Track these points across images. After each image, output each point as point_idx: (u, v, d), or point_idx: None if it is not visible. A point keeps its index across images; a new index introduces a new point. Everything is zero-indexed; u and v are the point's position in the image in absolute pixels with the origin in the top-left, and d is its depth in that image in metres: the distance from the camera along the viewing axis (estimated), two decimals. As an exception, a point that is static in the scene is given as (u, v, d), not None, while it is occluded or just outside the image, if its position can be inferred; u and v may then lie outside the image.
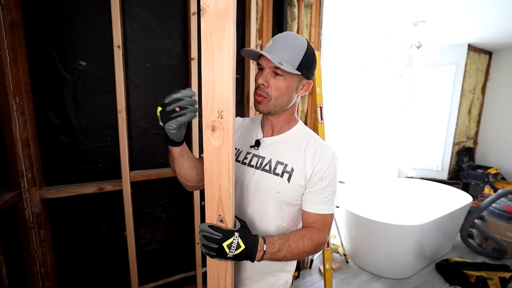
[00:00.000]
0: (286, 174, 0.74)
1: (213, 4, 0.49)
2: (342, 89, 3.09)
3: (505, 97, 3.77)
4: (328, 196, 0.75)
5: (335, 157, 0.77)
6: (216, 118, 0.55)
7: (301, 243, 0.70)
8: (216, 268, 0.65)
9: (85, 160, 1.29)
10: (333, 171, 0.75)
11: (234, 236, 0.61)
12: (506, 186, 3.48)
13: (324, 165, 0.73)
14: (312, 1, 1.79)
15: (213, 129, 0.56)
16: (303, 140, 0.78)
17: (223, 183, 0.59)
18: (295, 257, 0.71)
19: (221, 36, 0.50)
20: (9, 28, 0.99)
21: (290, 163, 0.75)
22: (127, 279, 1.43)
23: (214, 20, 0.50)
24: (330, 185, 0.74)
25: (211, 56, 0.52)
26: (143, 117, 1.39)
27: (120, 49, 1.19)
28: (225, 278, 0.66)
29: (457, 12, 2.36)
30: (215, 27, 0.50)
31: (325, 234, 0.75)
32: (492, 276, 2.03)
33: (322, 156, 0.74)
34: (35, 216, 1.14)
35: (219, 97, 0.54)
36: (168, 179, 1.51)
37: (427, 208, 2.86)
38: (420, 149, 3.84)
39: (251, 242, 0.63)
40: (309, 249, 0.71)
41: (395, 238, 2.09)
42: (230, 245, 0.60)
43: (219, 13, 0.49)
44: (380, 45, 3.22)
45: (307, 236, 0.72)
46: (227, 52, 0.51)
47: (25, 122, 1.07)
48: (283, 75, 0.71)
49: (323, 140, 0.79)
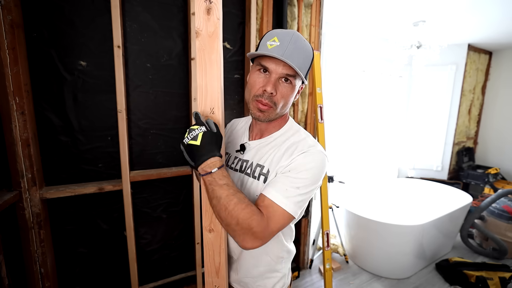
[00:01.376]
0: (263, 177, 0.70)
1: (205, 29, 0.65)
2: (342, 89, 3.09)
3: (505, 97, 3.77)
4: (288, 187, 0.63)
5: (319, 156, 0.67)
6: (209, 114, 0.68)
7: (242, 206, 0.58)
8: (211, 244, 0.73)
9: (85, 160, 1.29)
10: (307, 166, 0.64)
11: (199, 127, 0.61)
12: (506, 186, 3.48)
13: (298, 159, 0.65)
14: (312, 1, 1.79)
15: None
16: (288, 140, 0.72)
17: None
18: (224, 209, 0.59)
19: (211, 51, 0.66)
20: (9, 28, 0.99)
21: (267, 165, 0.70)
22: (127, 279, 1.43)
23: (206, 40, 0.65)
24: (296, 177, 0.63)
25: (204, 67, 0.66)
26: (143, 117, 1.39)
27: (120, 49, 1.19)
28: (220, 254, 0.73)
29: (457, 12, 2.36)
30: (207, 45, 0.65)
31: (268, 226, 0.60)
32: (492, 276, 2.03)
33: (302, 151, 0.67)
34: (35, 216, 1.14)
35: (211, 97, 0.67)
36: (168, 179, 1.51)
37: (427, 208, 2.86)
38: (420, 149, 3.84)
39: (208, 148, 0.60)
40: (241, 218, 0.58)
41: (395, 238, 2.09)
42: (191, 131, 0.61)
43: (209, 35, 0.65)
44: (380, 45, 3.22)
45: (253, 209, 0.59)
46: (216, 63, 0.66)
47: (25, 122, 1.07)
48: (292, 82, 0.66)
49: (311, 140, 0.71)
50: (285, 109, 0.70)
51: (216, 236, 0.73)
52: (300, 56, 0.64)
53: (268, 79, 0.65)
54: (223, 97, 0.68)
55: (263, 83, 0.66)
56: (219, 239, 0.73)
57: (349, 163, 3.36)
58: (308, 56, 0.67)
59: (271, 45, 0.63)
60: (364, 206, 2.73)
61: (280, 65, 0.63)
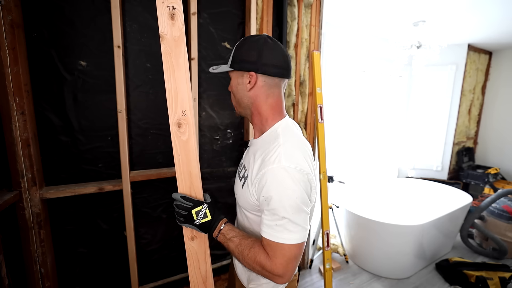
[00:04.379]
0: (243, 179, 0.74)
1: (170, 33, 0.66)
2: (342, 89, 3.09)
3: (505, 97, 3.77)
4: (276, 220, 0.63)
5: (281, 174, 0.63)
6: (181, 116, 0.69)
7: (247, 251, 0.66)
8: (195, 253, 0.72)
9: (85, 160, 1.29)
10: (277, 191, 0.62)
11: (202, 206, 0.68)
12: (506, 186, 3.48)
13: (263, 181, 0.65)
14: (312, 1, 1.79)
15: (179, 125, 0.68)
16: (265, 143, 0.72)
17: (192, 169, 0.71)
18: (240, 259, 0.68)
19: (178, 55, 0.67)
20: (9, 28, 0.99)
21: (248, 168, 0.73)
22: (127, 279, 1.43)
23: (172, 44, 0.67)
24: (275, 207, 0.62)
25: (171, 71, 0.68)
26: (143, 117, 1.39)
27: (120, 49, 1.19)
28: (205, 260, 0.73)
29: (457, 12, 2.36)
30: (173, 49, 0.67)
31: (276, 266, 0.62)
32: (492, 276, 2.03)
33: (264, 169, 0.65)
34: (35, 216, 1.14)
35: (181, 100, 0.68)
36: (168, 179, 1.51)
37: (427, 208, 2.87)
38: (420, 149, 3.84)
39: (217, 216, 0.70)
40: (254, 262, 0.65)
41: (395, 238, 2.09)
42: (198, 212, 0.67)
43: (175, 40, 0.67)
44: (380, 45, 3.22)
45: (256, 250, 0.65)
46: (184, 66, 0.68)
47: (25, 122, 1.07)
48: (231, 77, 0.77)
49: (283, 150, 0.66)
50: (238, 100, 0.77)
51: (200, 243, 0.72)
52: (237, 54, 0.73)
53: None
54: (192, 99, 0.70)
55: None
56: (203, 244, 0.72)
57: (349, 163, 3.36)
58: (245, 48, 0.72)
59: None
60: (364, 206, 2.73)
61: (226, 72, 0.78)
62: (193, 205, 0.68)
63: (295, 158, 0.65)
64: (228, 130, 1.66)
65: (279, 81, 0.74)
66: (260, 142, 0.75)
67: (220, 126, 1.62)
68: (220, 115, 1.61)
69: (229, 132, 1.66)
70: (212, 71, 0.78)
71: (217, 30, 1.51)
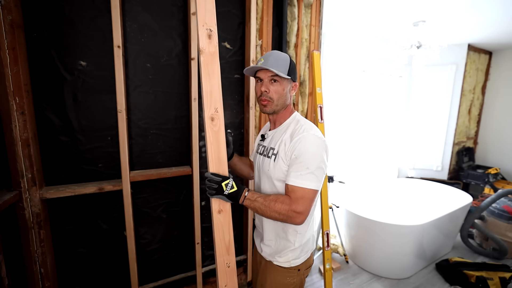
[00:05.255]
0: (273, 156, 0.96)
1: (207, 49, 0.86)
2: (342, 89, 3.09)
3: (505, 97, 3.77)
4: (301, 171, 0.86)
5: (311, 138, 0.89)
6: (213, 112, 0.87)
7: (273, 203, 0.87)
8: (221, 225, 0.87)
9: (85, 160, 1.29)
10: (306, 149, 0.87)
11: (230, 179, 0.86)
12: (506, 186, 3.48)
13: (296, 144, 0.89)
14: (312, 1, 1.79)
15: (212, 119, 0.87)
16: (289, 128, 0.97)
17: (221, 154, 0.90)
18: (267, 212, 0.87)
19: (213, 66, 0.87)
20: (9, 28, 0.99)
21: (277, 147, 0.96)
22: (127, 279, 1.43)
23: (209, 57, 0.87)
24: (302, 161, 0.87)
25: (208, 77, 0.87)
26: (143, 117, 1.39)
27: (120, 49, 1.19)
28: (228, 231, 0.88)
29: (457, 12, 2.36)
30: (209, 61, 0.87)
31: (298, 205, 0.85)
32: (492, 276, 2.03)
33: (297, 136, 0.90)
34: (35, 216, 1.14)
35: (214, 100, 0.87)
36: (168, 179, 1.51)
37: (427, 208, 2.86)
38: (420, 149, 3.84)
39: (240, 187, 0.88)
40: (279, 210, 0.86)
41: (395, 238, 2.09)
42: (227, 184, 0.85)
43: (211, 54, 0.87)
44: (380, 45, 3.22)
45: (281, 199, 0.87)
46: (216, 74, 0.88)
47: (25, 122, 1.07)
48: (279, 81, 0.95)
49: (308, 126, 0.93)
50: (282, 101, 0.97)
51: (225, 216, 0.89)
52: (279, 62, 0.93)
53: (262, 84, 0.96)
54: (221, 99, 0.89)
55: (260, 88, 0.96)
56: (228, 217, 0.89)
57: (349, 163, 3.36)
58: (285, 60, 0.94)
59: (259, 62, 0.95)
60: (364, 206, 2.73)
61: (267, 73, 0.94)
62: (222, 179, 0.85)
63: (316, 130, 0.93)
64: (228, 130, 1.65)
65: None
66: (283, 128, 1.00)
67: (220, 126, 1.62)
68: (220, 115, 1.61)
69: (229, 132, 1.65)
70: (270, 68, 0.92)
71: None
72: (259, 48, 1.64)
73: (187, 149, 1.54)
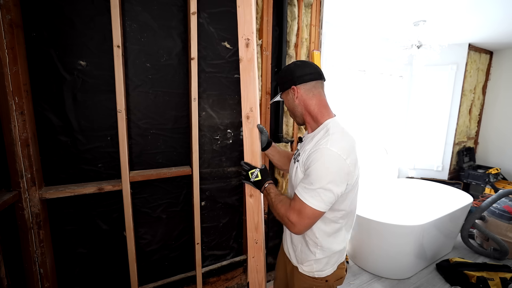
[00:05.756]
0: (297, 162, 0.97)
1: (245, 56, 1.01)
2: (342, 89, 3.08)
3: (505, 97, 3.76)
4: (307, 184, 0.84)
5: (327, 154, 0.81)
6: (249, 111, 1.03)
7: (277, 203, 0.93)
8: (252, 207, 1.05)
9: (85, 160, 1.29)
10: (317, 165, 0.82)
11: (255, 169, 1.03)
12: (507, 186, 3.47)
13: (312, 155, 0.85)
14: (312, 1, 1.78)
15: (247, 117, 1.03)
16: (317, 136, 0.92)
17: (254, 148, 1.07)
18: (273, 208, 0.94)
19: (249, 71, 1.03)
20: (8, 28, 0.99)
21: (302, 153, 0.95)
22: (127, 279, 1.43)
23: (246, 64, 1.01)
24: (310, 175, 0.84)
25: (246, 82, 1.01)
26: (143, 117, 1.39)
27: (119, 49, 1.19)
28: (258, 214, 1.05)
29: (457, 11, 2.35)
30: (246, 67, 1.01)
31: (293, 215, 0.86)
32: (493, 276, 2.02)
33: (316, 148, 0.85)
34: (34, 216, 1.14)
35: (250, 100, 1.03)
36: (168, 179, 1.50)
37: (427, 208, 2.86)
38: (420, 149, 3.83)
39: (265, 177, 1.02)
40: (279, 211, 0.91)
41: (395, 238, 2.09)
42: (253, 173, 1.02)
43: (248, 61, 1.01)
44: (380, 44, 3.21)
45: (284, 201, 0.92)
46: (253, 78, 1.01)
47: (25, 122, 1.06)
48: (284, 100, 1.04)
49: (334, 137, 0.85)
50: (294, 112, 1.01)
51: (255, 200, 1.06)
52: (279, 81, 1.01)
53: None
54: (258, 100, 1.05)
55: None
56: (258, 202, 1.07)
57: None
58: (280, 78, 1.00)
59: None
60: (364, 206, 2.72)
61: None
62: (249, 168, 1.03)
63: (340, 145, 0.83)
64: (228, 130, 1.65)
65: (316, 83, 0.95)
66: (313, 135, 0.95)
67: (220, 126, 1.62)
68: (220, 115, 1.61)
69: (229, 132, 1.66)
70: (271, 101, 1.14)
71: (217, 29, 1.51)
72: (259, 48, 1.63)
73: (187, 149, 1.53)
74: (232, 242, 1.80)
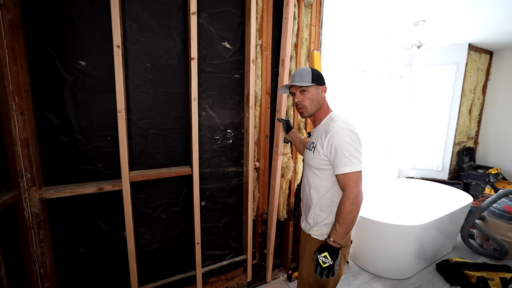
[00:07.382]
0: (313, 148, 1.18)
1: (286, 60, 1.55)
2: (342, 89, 3.08)
3: (506, 97, 3.75)
4: (343, 160, 1.04)
5: (343, 130, 1.06)
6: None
7: (343, 214, 1.05)
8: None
9: (85, 160, 1.29)
10: (341, 140, 1.05)
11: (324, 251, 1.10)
12: (507, 186, 3.47)
13: (331, 139, 1.08)
14: (312, 1, 1.78)
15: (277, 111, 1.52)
16: (325, 124, 1.17)
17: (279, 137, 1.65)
18: (349, 221, 1.06)
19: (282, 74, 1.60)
20: (8, 28, 0.99)
21: (316, 141, 1.17)
22: (127, 279, 1.43)
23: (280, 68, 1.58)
24: (342, 151, 1.04)
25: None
26: (143, 117, 1.39)
27: (119, 49, 1.19)
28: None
29: (457, 11, 2.35)
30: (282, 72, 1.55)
31: (353, 188, 1.03)
32: (493, 276, 2.02)
33: (330, 132, 1.09)
34: (34, 216, 1.14)
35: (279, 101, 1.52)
36: (168, 179, 1.50)
37: (427, 208, 2.86)
38: (420, 149, 3.83)
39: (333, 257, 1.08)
40: (350, 208, 1.04)
41: (395, 238, 2.09)
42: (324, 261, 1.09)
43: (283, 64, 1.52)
44: (380, 44, 3.21)
45: (340, 205, 1.07)
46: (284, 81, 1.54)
47: (25, 122, 1.07)
48: (307, 90, 1.16)
49: (341, 121, 1.12)
50: (315, 104, 1.18)
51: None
52: (302, 74, 1.17)
53: (295, 96, 1.20)
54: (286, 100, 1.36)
55: (295, 100, 1.21)
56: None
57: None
58: (307, 72, 1.17)
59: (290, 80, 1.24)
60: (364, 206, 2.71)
61: (295, 87, 1.19)
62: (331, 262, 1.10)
63: (347, 124, 1.12)
64: (228, 130, 1.65)
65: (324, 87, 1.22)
66: (322, 125, 1.19)
67: (220, 126, 1.62)
68: (220, 115, 1.61)
69: (229, 132, 1.66)
70: (298, 84, 1.15)
71: (217, 29, 1.51)
72: (259, 47, 1.63)
73: (187, 149, 1.53)
74: (232, 242, 1.80)
